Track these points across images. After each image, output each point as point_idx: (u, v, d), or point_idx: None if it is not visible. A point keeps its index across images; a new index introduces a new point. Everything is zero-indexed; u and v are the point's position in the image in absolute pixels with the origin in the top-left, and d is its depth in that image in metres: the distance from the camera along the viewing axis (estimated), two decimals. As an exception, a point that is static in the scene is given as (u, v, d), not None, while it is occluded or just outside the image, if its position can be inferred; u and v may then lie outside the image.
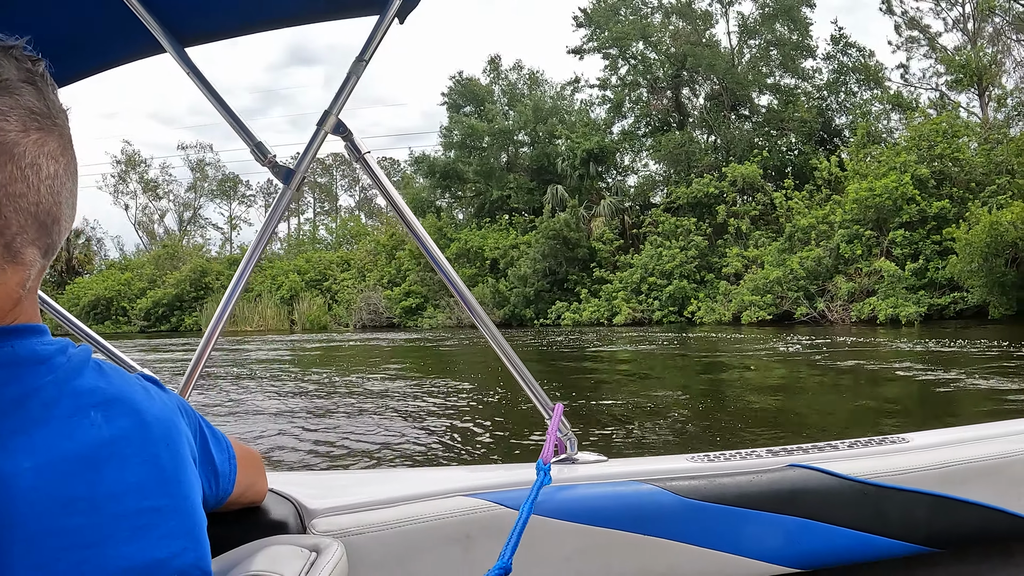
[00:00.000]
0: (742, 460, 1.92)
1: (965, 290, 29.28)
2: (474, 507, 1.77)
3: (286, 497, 1.71)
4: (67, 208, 0.89)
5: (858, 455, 1.91)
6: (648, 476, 1.85)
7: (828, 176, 38.06)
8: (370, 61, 1.85)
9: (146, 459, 0.92)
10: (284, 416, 12.04)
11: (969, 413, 11.18)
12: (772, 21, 47.60)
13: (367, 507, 1.75)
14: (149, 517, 0.89)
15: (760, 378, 15.98)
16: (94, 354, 0.97)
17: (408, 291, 51.31)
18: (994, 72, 39.71)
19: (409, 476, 2.36)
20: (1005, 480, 1.82)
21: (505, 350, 1.94)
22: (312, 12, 1.90)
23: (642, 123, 52.85)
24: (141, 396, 0.96)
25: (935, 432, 2.03)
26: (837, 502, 1.79)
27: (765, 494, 1.79)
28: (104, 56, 1.98)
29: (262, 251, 1.98)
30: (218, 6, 1.85)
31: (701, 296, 39.22)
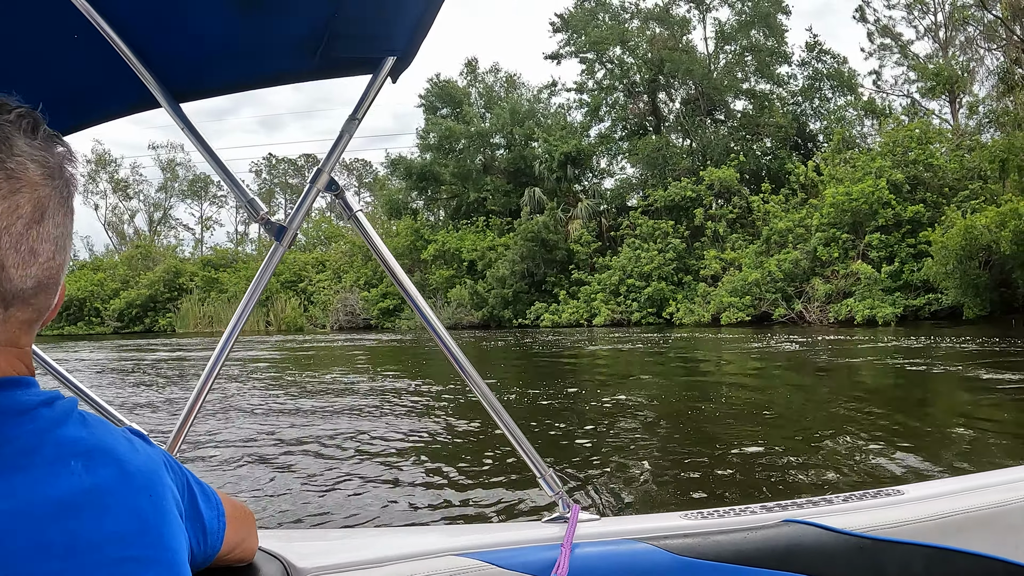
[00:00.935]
0: (736, 516, 1.91)
1: (940, 292, 30.02)
2: (465, 567, 1.75)
3: (274, 555, 1.69)
4: (13, 253, 0.85)
5: (853, 509, 1.91)
6: (642, 535, 1.84)
7: (805, 181, 38.76)
8: (362, 120, 1.87)
9: (127, 509, 0.90)
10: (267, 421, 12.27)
11: (950, 399, 11.96)
12: (748, 28, 48.34)
13: (357, 567, 1.73)
14: (129, 567, 0.88)
15: (758, 373, 16.51)
16: (80, 406, 0.97)
17: (385, 292, 51.32)
18: (965, 80, 40.68)
19: (399, 535, 2.31)
20: (1002, 529, 1.83)
21: (499, 412, 1.92)
22: (307, 71, 1.89)
23: (619, 127, 53.40)
24: (124, 448, 0.96)
25: (930, 484, 2.06)
26: (833, 557, 1.79)
27: (761, 551, 1.79)
28: (100, 110, 1.99)
29: (253, 305, 1.95)
30: (214, 64, 1.86)
31: (679, 298, 39.80)
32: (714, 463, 8.10)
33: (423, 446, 9.52)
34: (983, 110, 38.70)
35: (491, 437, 9.52)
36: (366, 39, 1.76)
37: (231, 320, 1.91)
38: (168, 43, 1.71)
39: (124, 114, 2.01)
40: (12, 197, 0.83)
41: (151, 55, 1.71)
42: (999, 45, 38.89)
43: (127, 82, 1.76)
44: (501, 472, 7.85)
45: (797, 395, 13.43)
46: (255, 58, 1.85)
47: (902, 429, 9.64)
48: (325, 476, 8.07)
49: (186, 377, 19.23)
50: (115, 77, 1.76)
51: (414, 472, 8.23)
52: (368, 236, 1.91)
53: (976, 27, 39.90)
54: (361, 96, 1.85)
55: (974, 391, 12.26)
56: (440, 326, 1.93)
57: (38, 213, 0.86)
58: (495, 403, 1.92)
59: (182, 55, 1.77)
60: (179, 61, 1.78)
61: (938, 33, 45.24)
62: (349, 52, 1.79)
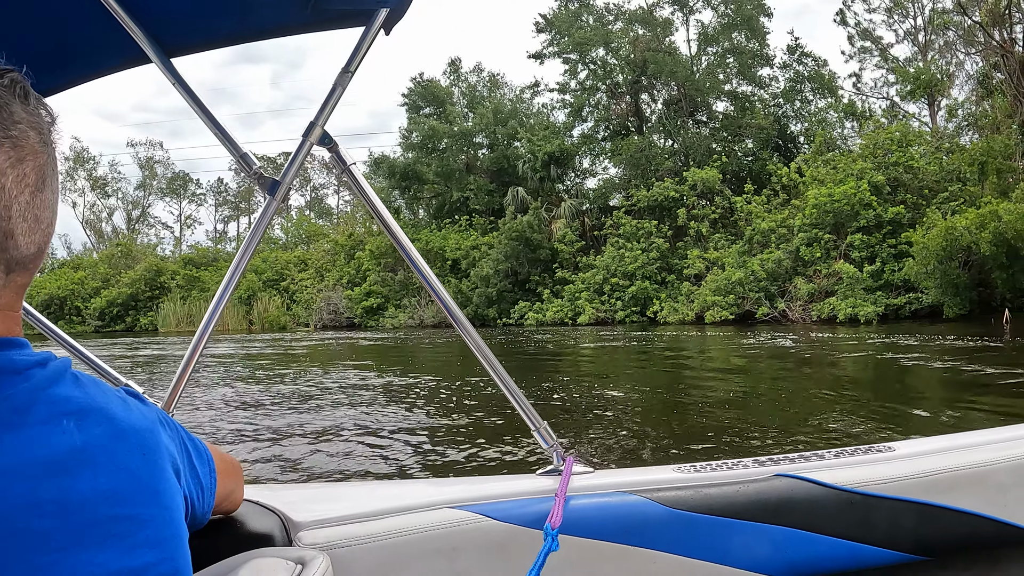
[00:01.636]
0: (728, 470, 1.93)
1: (920, 291, 30.61)
2: (461, 519, 1.77)
3: (271, 509, 1.71)
4: (21, 221, 0.88)
5: (844, 464, 1.93)
6: (635, 487, 1.86)
7: (787, 182, 39.29)
8: (355, 72, 1.86)
9: (120, 467, 0.91)
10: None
11: (932, 387, 12.52)
12: (731, 30, 48.81)
13: (353, 519, 1.75)
14: (123, 525, 0.89)
15: (744, 365, 16.90)
16: (75, 366, 0.98)
17: (369, 291, 51.36)
18: (945, 84, 41.37)
19: (395, 488, 2.36)
20: (991, 487, 1.85)
21: (495, 367, 1.94)
22: (298, 24, 1.88)
23: (601, 127, 53.76)
24: (117, 406, 0.96)
25: (921, 440, 2.08)
26: (824, 511, 1.81)
27: (752, 504, 1.81)
28: (89, 66, 1.96)
29: (247, 262, 1.97)
30: (204, 17, 1.83)
31: (663, 297, 40.20)
32: (699, 438, 8.50)
33: (422, 406, 9.88)
34: (962, 113, 39.38)
35: (488, 397, 9.78)
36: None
37: (223, 279, 1.90)
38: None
39: (114, 70, 2.00)
40: (19, 166, 0.87)
41: (140, 10, 1.70)
42: (978, 49, 39.60)
43: (117, 38, 1.74)
44: (497, 427, 8.17)
45: (784, 383, 13.96)
46: (246, 11, 1.82)
47: (884, 409, 10.36)
48: (322, 433, 8.31)
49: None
50: (104, 33, 1.74)
51: (411, 429, 8.44)
52: (364, 192, 1.89)
53: (956, 31, 40.56)
54: (354, 49, 1.83)
55: (956, 383, 12.85)
56: (435, 279, 1.91)
57: (40, 181, 0.90)
58: (491, 357, 1.94)
59: (172, 9, 1.75)
60: (169, 15, 1.76)
61: (917, 37, 45.99)
62: (341, 3, 1.77)
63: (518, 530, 1.77)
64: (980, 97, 38.13)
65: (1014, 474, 1.85)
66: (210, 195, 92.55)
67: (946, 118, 40.90)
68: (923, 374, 14.34)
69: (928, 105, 43.25)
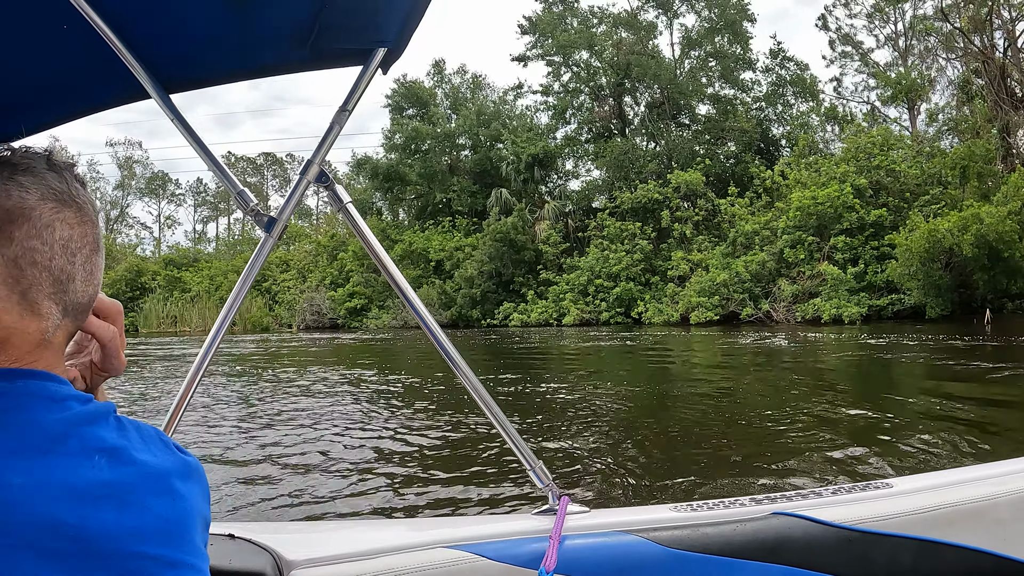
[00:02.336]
0: (725, 509, 1.92)
1: (902, 292, 31.12)
2: (456, 559, 1.76)
3: (264, 548, 1.71)
4: (82, 270, 0.97)
5: (842, 502, 1.92)
6: (631, 527, 1.85)
7: (771, 185, 39.75)
8: (352, 111, 1.87)
9: (148, 509, 0.91)
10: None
11: (917, 382, 12.90)
12: (714, 34, 49.26)
13: (347, 559, 1.75)
14: (145, 564, 0.88)
15: (730, 364, 17.18)
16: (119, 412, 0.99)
17: (352, 292, 51.50)
18: (925, 88, 42.00)
19: (389, 527, 2.35)
20: (990, 522, 1.84)
21: (492, 408, 1.94)
22: (297, 62, 1.89)
23: (584, 129, 54.06)
24: (156, 450, 0.98)
25: (918, 477, 2.07)
26: (822, 549, 1.80)
27: (750, 543, 1.81)
28: (89, 100, 1.98)
29: (244, 296, 1.96)
30: (205, 56, 1.86)
31: (647, 298, 40.54)
32: (689, 444, 8.71)
33: (413, 440, 9.60)
34: (942, 118, 40.00)
35: (480, 432, 9.64)
36: (357, 30, 1.77)
37: (222, 310, 1.91)
38: (158, 33, 1.72)
39: (114, 105, 2.02)
40: (83, 226, 0.98)
41: (141, 46, 1.73)
42: (957, 55, 40.22)
43: (117, 73, 1.76)
44: (490, 465, 7.98)
45: (772, 381, 14.20)
46: (245, 49, 1.85)
47: (871, 405, 10.68)
48: (314, 469, 8.13)
49: (153, 372, 19.42)
50: (105, 68, 1.77)
51: (403, 465, 8.33)
52: (358, 227, 1.90)
53: (936, 37, 41.19)
54: (352, 87, 1.85)
55: (950, 376, 13.29)
56: (431, 319, 1.92)
57: (96, 243, 1.01)
58: (485, 396, 1.94)
59: (172, 46, 1.78)
60: (169, 52, 1.79)
61: (898, 42, 46.62)
62: (340, 43, 1.80)
63: (513, 570, 1.76)
64: (960, 102, 38.72)
65: (1013, 508, 1.85)
66: (189, 195, 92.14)
67: (927, 122, 41.55)
68: (917, 371, 14.78)
69: (908, 109, 43.94)
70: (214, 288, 57.12)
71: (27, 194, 0.92)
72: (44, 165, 0.96)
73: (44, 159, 0.97)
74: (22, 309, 0.90)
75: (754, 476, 7.29)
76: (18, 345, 0.91)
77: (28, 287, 0.91)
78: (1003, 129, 35.57)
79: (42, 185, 0.94)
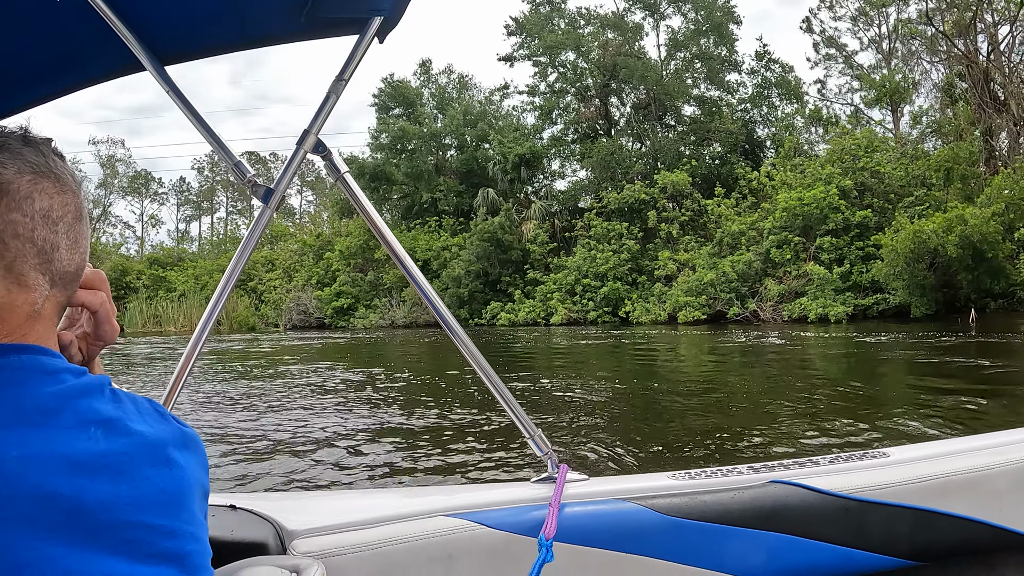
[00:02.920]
0: (723, 477, 1.94)
1: (887, 292, 31.62)
2: (456, 527, 1.77)
3: (266, 518, 1.72)
4: (65, 238, 0.96)
5: (839, 470, 1.93)
6: (630, 495, 1.86)
7: (757, 186, 40.23)
8: (349, 80, 1.87)
9: (145, 479, 0.91)
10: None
11: (905, 376, 13.44)
12: (700, 36, 49.67)
13: (348, 527, 1.75)
14: (141, 532, 0.89)
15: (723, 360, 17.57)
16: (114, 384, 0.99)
17: (339, 291, 51.50)
18: (908, 91, 42.61)
19: (390, 496, 2.36)
20: (985, 492, 1.85)
21: (490, 375, 1.96)
22: (292, 32, 1.87)
23: (570, 130, 54.34)
24: (149, 422, 0.98)
25: (915, 446, 2.09)
26: (819, 517, 1.82)
27: (747, 511, 1.82)
28: (84, 73, 1.97)
29: (242, 268, 1.96)
30: (199, 26, 1.85)
31: (634, 297, 40.85)
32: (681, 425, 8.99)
33: (412, 416, 9.82)
34: (926, 120, 40.59)
35: (478, 409, 9.96)
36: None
37: (218, 286, 1.90)
38: (152, 5, 1.71)
39: (109, 78, 2.01)
40: (63, 195, 0.96)
41: (135, 18, 1.71)
42: (941, 59, 40.80)
43: (112, 46, 1.75)
44: (489, 436, 8.21)
45: (764, 374, 14.74)
46: (240, 19, 1.83)
47: (858, 396, 11.40)
48: (315, 442, 8.33)
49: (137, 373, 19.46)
50: (99, 41, 1.76)
51: (403, 438, 8.50)
52: (356, 198, 1.90)
53: (920, 40, 41.76)
54: (348, 57, 1.83)
55: (935, 373, 13.84)
56: (429, 288, 1.96)
57: (78, 212, 0.99)
58: (485, 365, 1.95)
59: (166, 17, 1.77)
60: (163, 23, 1.77)
61: (882, 44, 47.19)
62: (335, 12, 1.78)
63: (513, 538, 1.78)
64: (944, 105, 39.29)
65: (1009, 479, 1.87)
66: (172, 194, 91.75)
67: (910, 124, 42.13)
68: (909, 367, 15.32)
69: (892, 111, 44.49)
70: (199, 288, 56.89)
71: (3, 170, 0.93)
72: (20, 142, 0.97)
73: (20, 137, 0.98)
74: (8, 283, 0.91)
75: (738, 443, 7.83)
76: (8, 319, 0.92)
77: (12, 260, 0.91)
78: (986, 132, 36.16)
79: (18, 160, 0.95)
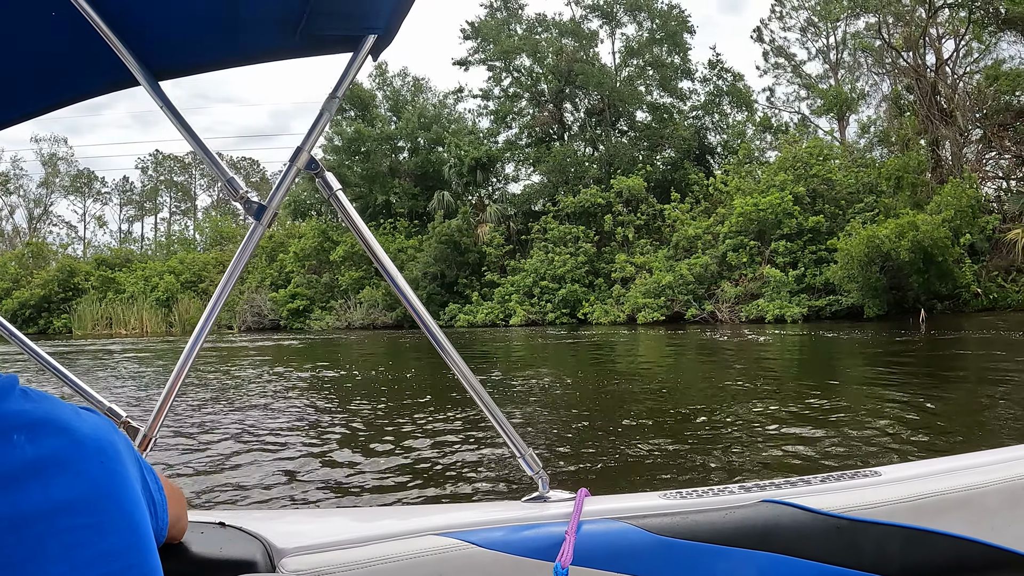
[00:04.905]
0: (714, 496, 1.92)
1: (840, 294, 33.06)
2: (447, 546, 1.75)
3: (255, 536, 1.69)
4: None
5: (830, 489, 1.92)
6: (620, 514, 1.85)
7: (712, 191, 41.45)
8: (343, 98, 1.86)
9: (78, 476, 0.89)
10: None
11: (861, 369, 14.59)
12: (654, 44, 50.73)
13: (337, 546, 1.74)
14: (83, 534, 0.86)
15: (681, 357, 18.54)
16: (20, 382, 0.96)
17: (294, 293, 51.43)
18: (854, 101, 44.24)
19: (379, 514, 2.34)
20: (978, 511, 1.84)
21: (480, 394, 1.94)
22: (287, 49, 1.90)
23: (524, 134, 55.07)
24: (70, 416, 0.94)
25: (907, 465, 2.07)
26: (810, 537, 1.80)
27: (738, 530, 1.81)
28: (77, 87, 1.97)
29: (232, 287, 1.94)
30: (194, 41, 1.85)
31: (592, 299, 41.74)
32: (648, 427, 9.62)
33: (400, 431, 9.79)
34: (873, 130, 42.15)
35: (464, 424, 9.94)
36: (346, 17, 1.77)
37: (210, 301, 1.89)
38: (147, 20, 1.72)
39: (102, 92, 2.01)
40: None
41: (129, 32, 1.72)
42: (887, 71, 42.39)
43: (105, 60, 1.75)
44: (477, 454, 8.21)
45: (726, 371, 15.80)
46: (235, 36, 1.85)
47: (815, 388, 12.51)
48: (302, 459, 8.26)
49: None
50: (93, 55, 1.76)
51: (391, 455, 8.41)
52: (348, 215, 1.87)
53: (868, 53, 43.32)
54: (341, 74, 1.84)
55: (895, 365, 15.59)
56: (421, 307, 1.94)
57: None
58: (476, 384, 1.94)
59: (161, 32, 1.78)
60: (158, 38, 1.78)
61: (829, 55, 48.81)
62: (329, 30, 1.80)
63: (504, 557, 1.76)
64: (892, 115, 40.84)
65: (1000, 497, 1.87)
66: (115, 194, 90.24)
67: (858, 133, 43.72)
68: (867, 361, 17.07)
69: (838, 120, 46.05)
70: (150, 289, 56.07)
71: None
72: None
73: None
74: None
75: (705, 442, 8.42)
76: None
77: None
78: (932, 142, 37.75)
79: None
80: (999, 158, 38.42)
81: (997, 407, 10.11)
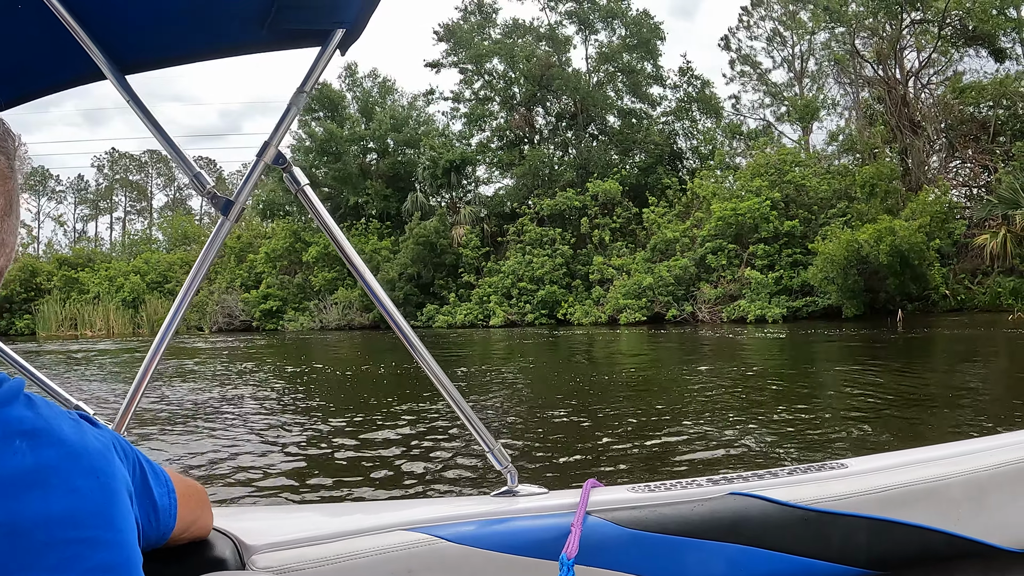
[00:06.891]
0: (683, 489, 1.92)
1: (817, 295, 34.63)
2: (415, 541, 1.75)
3: (224, 533, 1.68)
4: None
5: (798, 482, 1.93)
6: (590, 507, 1.85)
7: (691, 196, 42.77)
8: (310, 92, 1.86)
9: (73, 490, 0.89)
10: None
11: (837, 365, 16.50)
12: (626, 51, 51.80)
13: (307, 542, 1.74)
14: (75, 548, 0.86)
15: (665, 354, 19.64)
16: (28, 388, 0.96)
17: (266, 294, 51.33)
18: (818, 109, 46.02)
19: (349, 510, 2.36)
20: (943, 502, 1.86)
21: (447, 388, 1.95)
22: (255, 43, 1.88)
23: (496, 137, 55.59)
24: (70, 429, 0.94)
25: (874, 457, 2.09)
26: (778, 528, 1.82)
27: (707, 522, 1.81)
28: (43, 81, 1.96)
29: (199, 283, 1.95)
30: (160, 35, 1.84)
31: (570, 300, 42.62)
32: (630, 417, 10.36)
33: (369, 427, 9.85)
34: (842, 138, 43.85)
35: (434, 420, 10.08)
36: (314, 10, 1.76)
37: (176, 298, 1.89)
38: (114, 14, 1.70)
39: (69, 86, 2.00)
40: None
41: (96, 26, 1.70)
42: (851, 80, 44.15)
43: (72, 53, 1.74)
44: (448, 449, 8.33)
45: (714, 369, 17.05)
46: (202, 29, 1.84)
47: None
48: (270, 456, 8.32)
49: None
50: (60, 48, 1.75)
51: (360, 450, 8.49)
52: (316, 210, 1.88)
53: (837, 63, 44.99)
54: (309, 69, 1.84)
55: (875, 359, 17.35)
56: (389, 302, 1.92)
57: (8, 205, 0.91)
58: (445, 380, 1.95)
59: (128, 26, 1.76)
60: (125, 32, 1.77)
61: (794, 64, 50.44)
62: (297, 23, 1.79)
63: (473, 552, 1.77)
64: (862, 125, 42.51)
65: (965, 488, 1.89)
66: (71, 192, 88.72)
67: (827, 141, 45.45)
68: (849, 358, 18.53)
69: (802, 128, 47.72)
70: (115, 290, 55.29)
71: None
72: None
73: None
74: None
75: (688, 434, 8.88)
76: None
77: None
78: (903, 151, 39.51)
79: None
80: (962, 166, 40.38)
81: (968, 397, 11.34)
